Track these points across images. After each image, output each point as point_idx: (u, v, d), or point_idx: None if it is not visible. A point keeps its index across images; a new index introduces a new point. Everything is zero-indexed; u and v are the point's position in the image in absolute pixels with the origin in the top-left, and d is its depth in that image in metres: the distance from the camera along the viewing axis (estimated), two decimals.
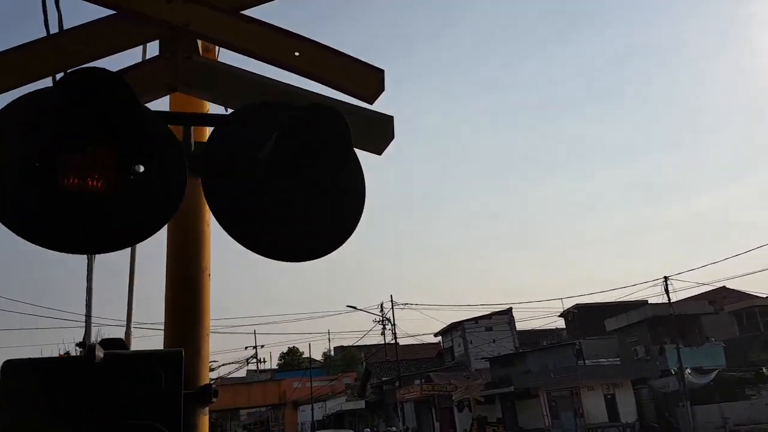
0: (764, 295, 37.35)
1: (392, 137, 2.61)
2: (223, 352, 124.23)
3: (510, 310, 45.50)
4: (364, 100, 2.60)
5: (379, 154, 2.65)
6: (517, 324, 46.33)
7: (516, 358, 37.86)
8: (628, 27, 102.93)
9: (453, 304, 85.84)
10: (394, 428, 42.06)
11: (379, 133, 2.61)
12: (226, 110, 2.66)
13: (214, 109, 2.87)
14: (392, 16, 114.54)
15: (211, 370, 64.53)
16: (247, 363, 68.10)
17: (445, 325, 47.80)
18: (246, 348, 67.32)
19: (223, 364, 74.24)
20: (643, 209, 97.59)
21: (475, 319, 45.20)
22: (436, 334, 50.54)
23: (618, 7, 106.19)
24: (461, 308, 63.46)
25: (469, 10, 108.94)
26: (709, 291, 40.17)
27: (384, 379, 45.35)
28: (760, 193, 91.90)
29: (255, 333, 64.38)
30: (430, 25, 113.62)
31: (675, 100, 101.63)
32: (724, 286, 39.98)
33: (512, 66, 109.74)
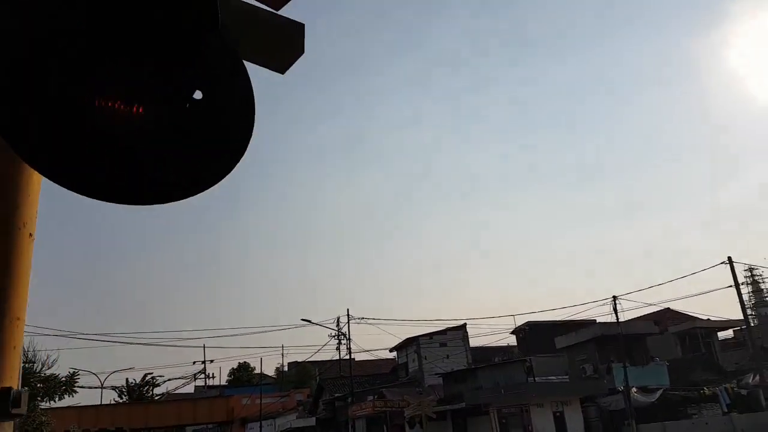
0: (705, 317, 38.79)
1: (301, 52, 2.05)
2: (171, 367, 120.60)
3: (464, 326, 45.66)
4: (268, 4, 2.06)
5: (282, 72, 2.10)
6: (470, 340, 46.59)
7: (468, 374, 37.92)
8: (585, 54, 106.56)
9: (408, 319, 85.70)
10: None
11: (283, 45, 2.02)
12: None
13: None
14: (359, 34, 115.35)
15: (157, 385, 62.70)
16: (195, 378, 66.20)
17: (400, 341, 47.71)
18: (194, 363, 65.46)
19: (169, 379, 72.10)
20: (593, 231, 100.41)
21: (430, 335, 45.15)
22: (391, 350, 50.36)
23: (572, 37, 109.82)
24: (417, 323, 63.61)
25: (435, 32, 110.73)
26: (655, 312, 41.39)
27: (336, 395, 44.71)
28: (703, 222, 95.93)
29: (204, 347, 62.73)
30: (397, 44, 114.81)
31: (628, 127, 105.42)
32: (668, 308, 41.25)
33: (480, 87, 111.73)
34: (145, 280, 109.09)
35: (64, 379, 28.55)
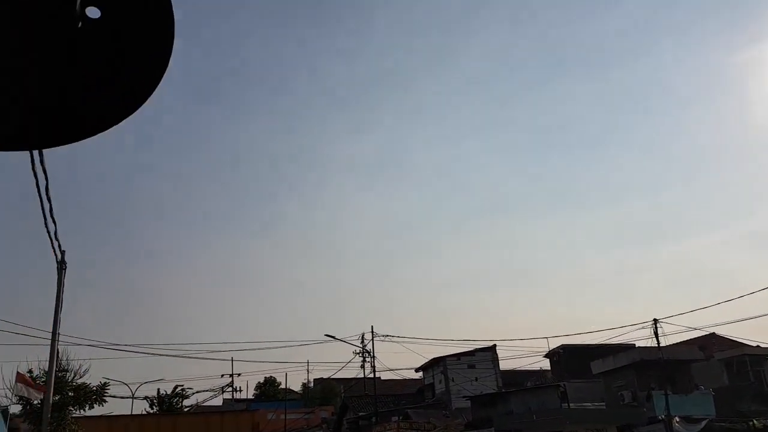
0: (754, 344, 36.44)
1: None
2: (199, 379, 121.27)
3: (494, 347, 44.25)
4: None
5: None
6: (500, 362, 45.10)
7: (498, 399, 36.54)
8: (618, 71, 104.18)
9: (435, 338, 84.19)
10: None
11: None
12: None
13: None
14: (385, 53, 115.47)
15: (186, 397, 63.26)
16: (223, 391, 66.21)
17: (426, 360, 46.52)
18: (222, 376, 65.54)
19: (198, 391, 72.51)
20: (633, 252, 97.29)
21: (458, 356, 43.88)
22: (417, 370, 49.19)
23: (606, 53, 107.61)
24: (445, 343, 62.15)
25: (463, 51, 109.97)
26: (699, 337, 39.23)
27: (361, 414, 43.76)
28: (749, 240, 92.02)
29: (232, 360, 62.68)
30: (425, 64, 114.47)
31: (666, 144, 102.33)
32: (713, 333, 39.05)
33: (503, 107, 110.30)
34: (177, 291, 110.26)
35: (94, 388, 28.61)
